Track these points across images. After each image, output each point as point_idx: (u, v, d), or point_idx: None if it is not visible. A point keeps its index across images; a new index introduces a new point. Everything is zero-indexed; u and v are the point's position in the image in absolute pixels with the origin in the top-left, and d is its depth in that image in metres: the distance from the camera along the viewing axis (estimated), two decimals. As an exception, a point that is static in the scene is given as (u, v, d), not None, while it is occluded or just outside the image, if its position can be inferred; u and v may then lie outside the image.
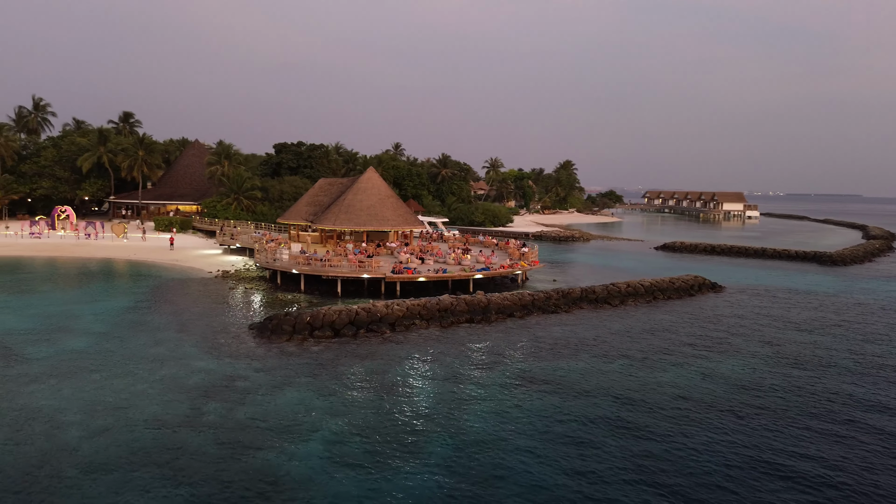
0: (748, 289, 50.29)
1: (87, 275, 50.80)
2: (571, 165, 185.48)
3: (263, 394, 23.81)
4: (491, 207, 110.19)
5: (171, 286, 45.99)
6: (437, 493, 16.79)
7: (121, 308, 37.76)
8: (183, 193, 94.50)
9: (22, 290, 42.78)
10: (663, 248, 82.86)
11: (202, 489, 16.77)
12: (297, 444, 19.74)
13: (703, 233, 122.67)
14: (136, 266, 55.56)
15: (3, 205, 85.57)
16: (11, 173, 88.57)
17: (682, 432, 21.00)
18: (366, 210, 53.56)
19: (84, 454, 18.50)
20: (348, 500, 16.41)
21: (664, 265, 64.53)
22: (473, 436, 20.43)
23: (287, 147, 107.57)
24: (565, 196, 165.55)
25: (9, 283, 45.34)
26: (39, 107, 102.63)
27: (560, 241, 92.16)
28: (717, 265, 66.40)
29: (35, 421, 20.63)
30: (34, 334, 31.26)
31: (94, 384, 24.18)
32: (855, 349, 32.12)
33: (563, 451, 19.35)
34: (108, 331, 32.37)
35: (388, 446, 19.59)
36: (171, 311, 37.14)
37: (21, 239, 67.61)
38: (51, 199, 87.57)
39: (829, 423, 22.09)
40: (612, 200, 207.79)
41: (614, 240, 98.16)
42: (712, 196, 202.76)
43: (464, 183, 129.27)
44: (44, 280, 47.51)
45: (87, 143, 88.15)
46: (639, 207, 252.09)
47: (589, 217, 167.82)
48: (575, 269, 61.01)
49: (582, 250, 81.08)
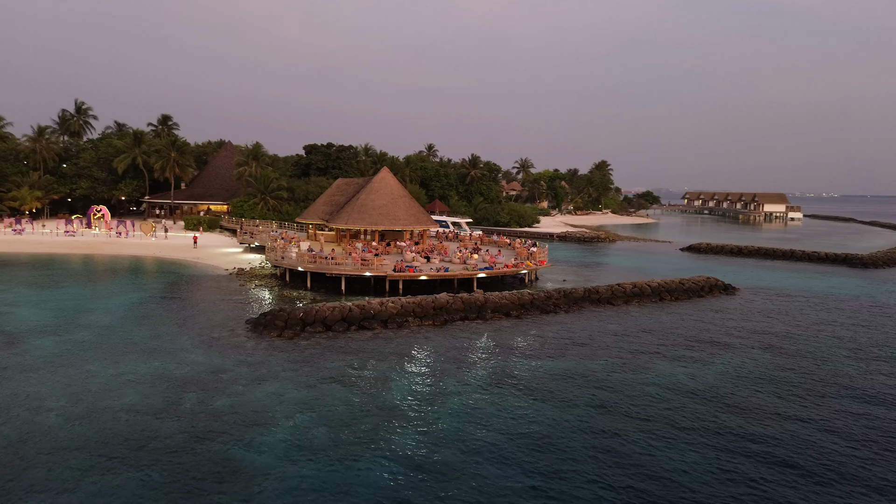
0: (764, 291, 49.08)
1: (109, 271, 52.85)
2: (606, 166, 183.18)
3: (242, 386, 24.52)
4: (517, 208, 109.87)
5: (185, 282, 47.51)
6: (392, 485, 17.08)
7: (132, 303, 39.22)
8: (213, 193, 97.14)
9: (45, 285, 44.81)
10: (689, 249, 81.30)
11: (163, 473, 17.47)
12: (264, 434, 20.32)
13: (737, 234, 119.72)
14: (158, 263, 57.51)
15: (45, 204, 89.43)
16: (53, 174, 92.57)
17: (649, 434, 20.84)
18: (378, 209, 54.23)
19: (58, 437, 19.47)
20: (303, 489, 16.86)
21: (684, 266, 63.37)
22: (439, 431, 20.66)
23: (316, 148, 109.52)
24: (598, 197, 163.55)
25: (36, 279, 47.56)
26: (81, 110, 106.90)
27: (585, 241, 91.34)
28: (739, 267, 64.88)
29: (20, 405, 21.77)
30: (44, 326, 32.80)
31: (85, 373, 25.30)
32: (857, 353, 31.15)
33: (527, 449, 19.38)
34: (113, 324, 33.72)
35: (352, 438, 19.99)
36: (178, 307, 38.42)
37: (56, 237, 70.65)
38: (89, 199, 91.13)
39: (813, 430, 21.59)
40: (649, 201, 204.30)
41: (641, 241, 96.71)
42: (753, 197, 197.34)
43: (493, 183, 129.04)
44: (68, 276, 49.61)
45: (123, 145, 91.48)
46: (678, 208, 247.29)
47: (623, 218, 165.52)
48: (590, 270, 60.46)
49: (604, 251, 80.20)
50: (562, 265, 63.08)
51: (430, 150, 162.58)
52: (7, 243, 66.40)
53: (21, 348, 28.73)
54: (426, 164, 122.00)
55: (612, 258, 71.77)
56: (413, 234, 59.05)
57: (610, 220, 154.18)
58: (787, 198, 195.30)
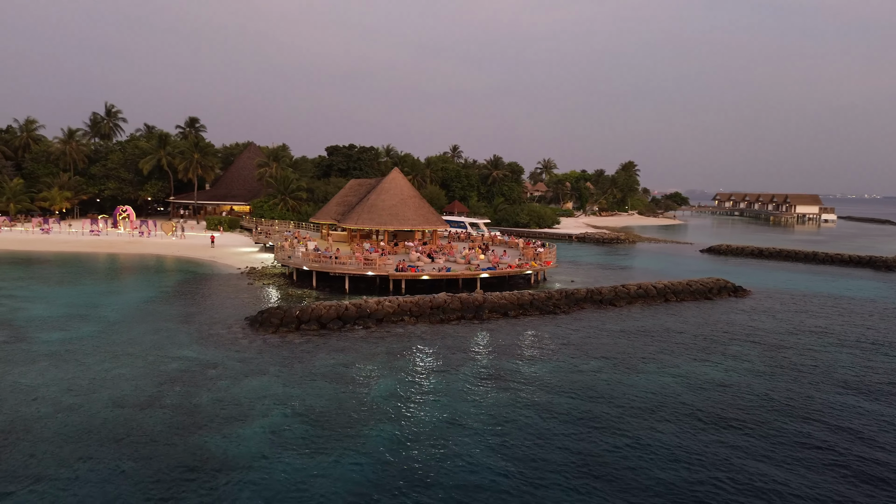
0: (776, 293, 48.14)
1: (125, 269, 54.34)
2: (633, 167, 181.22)
3: (228, 381, 25.06)
4: (536, 209, 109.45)
5: (196, 281, 48.59)
6: (357, 480, 17.29)
7: (141, 299, 40.29)
8: (236, 194, 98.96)
9: (63, 282, 46.31)
10: (709, 251, 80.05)
11: (136, 463, 17.97)
12: (242, 427, 20.77)
13: (764, 236, 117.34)
14: (174, 262, 58.89)
15: (74, 205, 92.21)
16: (82, 175, 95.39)
17: (631, 436, 20.73)
18: (387, 210, 54.69)
19: (43, 427, 20.18)
20: (269, 481, 17.19)
21: (700, 268, 62.45)
22: (414, 429, 20.80)
23: (338, 150, 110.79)
24: (623, 198, 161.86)
25: (55, 276, 49.18)
26: (111, 113, 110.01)
27: (603, 243, 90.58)
28: (758, 269, 63.73)
29: (13, 396, 22.61)
30: (52, 321, 33.94)
31: (80, 366, 26.15)
32: (860, 358, 30.41)
33: (504, 449, 19.35)
34: (119, 320, 34.72)
35: (326, 434, 20.27)
36: (184, 304, 39.36)
37: (82, 236, 72.83)
38: (117, 200, 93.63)
39: (804, 438, 21.24)
40: (677, 203, 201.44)
41: (661, 242, 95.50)
42: (785, 198, 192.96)
43: (515, 184, 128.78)
44: (86, 273, 51.15)
45: (148, 146, 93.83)
46: (708, 210, 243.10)
47: (649, 219, 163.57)
48: (602, 271, 59.98)
49: (621, 253, 79.42)
50: (574, 266, 62.76)
51: (454, 151, 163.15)
52: (35, 242, 68.73)
53: (27, 342, 29.81)
54: (447, 166, 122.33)
55: (628, 259, 71.07)
56: (424, 234, 59.38)
57: (635, 222, 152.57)
58: (820, 199, 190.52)
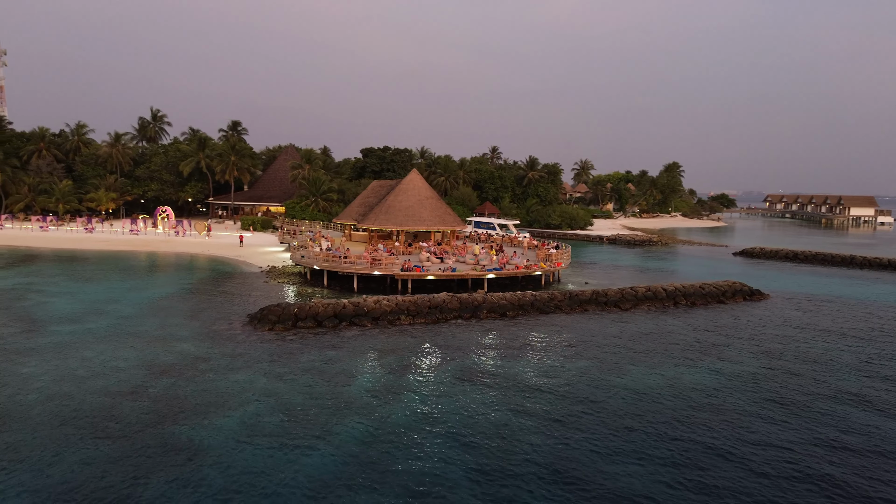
0: (797, 297, 46.69)
1: (152, 266, 56.67)
2: (678, 168, 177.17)
3: (215, 374, 26.09)
4: (569, 210, 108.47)
5: (216, 278, 50.33)
6: (323, 471, 17.89)
7: (158, 296, 42.06)
8: (272, 195, 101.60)
9: (92, 279, 48.70)
10: (742, 253, 77.94)
11: (112, 447, 19.04)
12: (219, 417, 21.68)
13: (809, 239, 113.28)
14: (200, 260, 61.06)
15: (119, 205, 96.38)
16: (128, 177, 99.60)
17: (601, 438, 20.77)
18: (404, 211, 55.40)
19: (31, 413, 21.53)
20: (238, 467, 17.98)
21: (725, 271, 60.94)
22: (386, 424, 21.27)
23: (372, 151, 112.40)
24: (665, 199, 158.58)
25: (86, 273, 51.73)
26: (157, 117, 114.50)
27: (634, 245, 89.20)
28: (786, 272, 61.83)
29: (10, 384, 24.13)
30: (69, 316, 35.85)
31: (81, 358, 27.64)
32: (860, 363, 29.40)
33: (474, 448, 19.61)
34: (131, 315, 36.41)
35: (300, 426, 20.94)
36: (196, 300, 40.90)
37: (122, 235, 76.22)
38: (159, 201, 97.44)
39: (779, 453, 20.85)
40: (724, 204, 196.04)
41: (696, 245, 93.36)
42: (838, 200, 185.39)
43: (550, 185, 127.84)
44: (115, 270, 53.57)
45: (188, 149, 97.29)
46: (758, 212, 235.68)
47: (692, 221, 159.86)
48: (621, 272, 59.23)
49: (648, 254, 78.08)
50: (595, 268, 62.24)
51: (493, 152, 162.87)
52: (78, 241, 72.31)
53: (41, 334, 31.64)
54: (481, 167, 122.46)
55: (653, 262, 69.88)
56: (445, 235, 59.82)
57: (676, 224, 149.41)
58: (875, 201, 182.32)
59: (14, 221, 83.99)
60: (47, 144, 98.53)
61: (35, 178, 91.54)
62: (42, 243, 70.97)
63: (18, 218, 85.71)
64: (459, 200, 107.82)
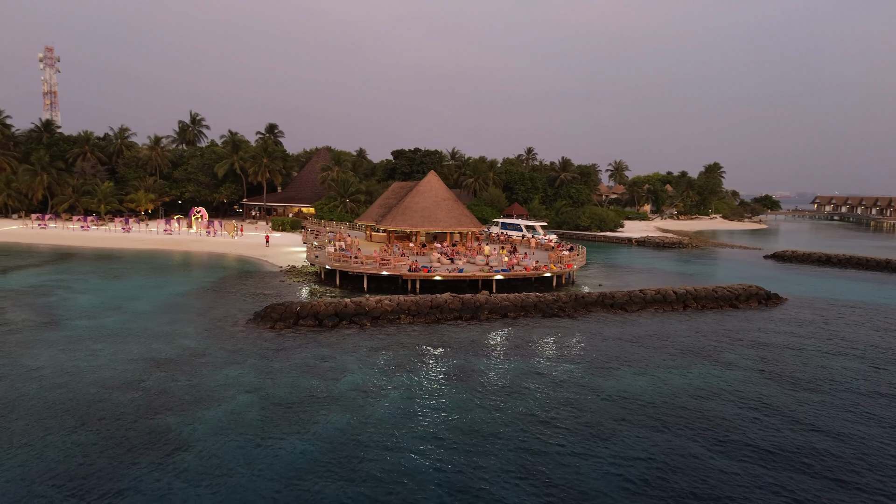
0: (817, 302, 45.37)
1: (179, 265, 58.65)
2: (718, 169, 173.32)
3: (210, 368, 27.08)
4: (598, 212, 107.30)
5: (236, 277, 51.83)
6: (300, 462, 18.57)
7: (176, 293, 43.61)
8: (303, 196, 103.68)
9: (119, 276, 50.79)
10: (773, 256, 75.88)
11: (98, 436, 20.11)
12: (205, 410, 22.56)
13: (851, 242, 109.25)
14: (226, 259, 62.89)
15: (158, 206, 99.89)
16: (166, 179, 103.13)
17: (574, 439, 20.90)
18: (420, 212, 55.98)
19: (27, 401, 22.82)
20: (217, 457, 18.79)
21: (750, 274, 59.54)
22: (367, 420, 21.80)
23: (403, 153, 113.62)
24: (702, 201, 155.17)
25: (113, 271, 53.94)
26: (196, 121, 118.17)
27: (662, 247, 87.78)
28: (815, 276, 60.04)
29: (15, 374, 25.57)
30: (88, 311, 37.57)
31: (85, 351, 29.04)
32: (860, 375, 28.59)
33: (446, 443, 19.99)
34: (145, 311, 37.91)
35: (282, 420, 21.63)
36: (210, 298, 42.25)
37: (156, 235, 79.03)
38: (195, 202, 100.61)
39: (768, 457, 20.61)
40: (767, 206, 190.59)
41: (728, 247, 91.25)
42: (889, 202, 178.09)
43: (583, 187, 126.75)
44: (143, 269, 55.71)
45: (223, 151, 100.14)
46: (806, 214, 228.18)
47: (732, 224, 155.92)
48: (639, 274, 58.48)
49: (674, 257, 76.75)
50: (616, 270, 61.65)
51: (528, 153, 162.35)
52: (114, 240, 75.31)
53: (55, 328, 33.31)
54: (512, 168, 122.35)
55: (676, 264, 68.70)
56: (463, 236, 60.15)
57: (714, 226, 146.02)
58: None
59: (58, 221, 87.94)
60: (92, 147, 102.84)
61: (79, 180, 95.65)
62: (82, 242, 74.20)
63: (62, 218, 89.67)
64: (488, 202, 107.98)
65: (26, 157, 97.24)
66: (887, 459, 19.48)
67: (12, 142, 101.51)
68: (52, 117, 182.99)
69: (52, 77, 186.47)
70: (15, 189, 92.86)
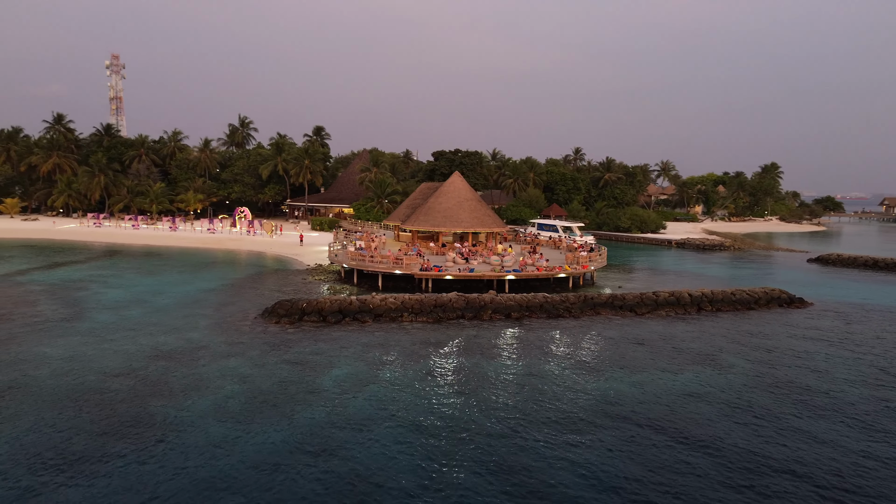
0: (844, 306, 43.56)
1: (213, 262, 61.07)
2: (776, 169, 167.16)
3: (207, 360, 28.39)
4: (639, 213, 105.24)
5: (263, 274, 53.69)
6: (275, 449, 19.45)
7: (200, 290, 45.56)
8: (344, 197, 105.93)
9: (152, 272, 53.42)
10: (817, 260, 72.89)
11: (91, 417, 21.52)
12: (193, 398, 23.74)
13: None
14: (260, 257, 65.14)
15: (206, 206, 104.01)
16: (215, 180, 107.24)
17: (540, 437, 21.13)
18: (442, 212, 56.58)
19: (33, 385, 24.56)
20: (197, 441, 19.86)
21: (782, 277, 57.52)
22: (348, 412, 22.49)
23: (443, 154, 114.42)
24: (755, 202, 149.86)
25: (150, 267, 56.74)
26: (244, 124, 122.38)
27: (702, 249, 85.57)
28: (852, 280, 57.47)
29: (29, 361, 27.49)
30: (113, 304, 39.79)
31: (100, 341, 30.88)
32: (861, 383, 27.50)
33: (420, 436, 20.45)
34: (166, 305, 39.87)
35: (264, 409, 22.55)
36: (229, 294, 43.98)
37: (200, 234, 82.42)
38: (241, 202, 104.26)
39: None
40: (829, 208, 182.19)
41: (772, 250, 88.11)
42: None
43: (627, 187, 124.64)
44: (177, 265, 58.32)
45: (268, 153, 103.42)
46: (872, 216, 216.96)
47: (787, 226, 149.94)
48: (666, 276, 57.34)
49: (712, 259, 74.70)
50: (643, 272, 60.70)
51: (577, 153, 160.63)
52: (161, 238, 79.05)
53: (79, 319, 35.49)
54: (553, 169, 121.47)
55: (710, 266, 66.90)
56: (490, 236, 60.37)
57: (768, 228, 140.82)
58: None
59: (111, 220, 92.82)
60: (146, 150, 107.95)
61: (133, 181, 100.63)
62: (131, 240, 78.28)
63: (116, 217, 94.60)
64: (526, 202, 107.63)
65: (87, 160, 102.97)
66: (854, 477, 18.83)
67: (74, 145, 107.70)
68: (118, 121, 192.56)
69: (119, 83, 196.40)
70: (75, 190, 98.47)
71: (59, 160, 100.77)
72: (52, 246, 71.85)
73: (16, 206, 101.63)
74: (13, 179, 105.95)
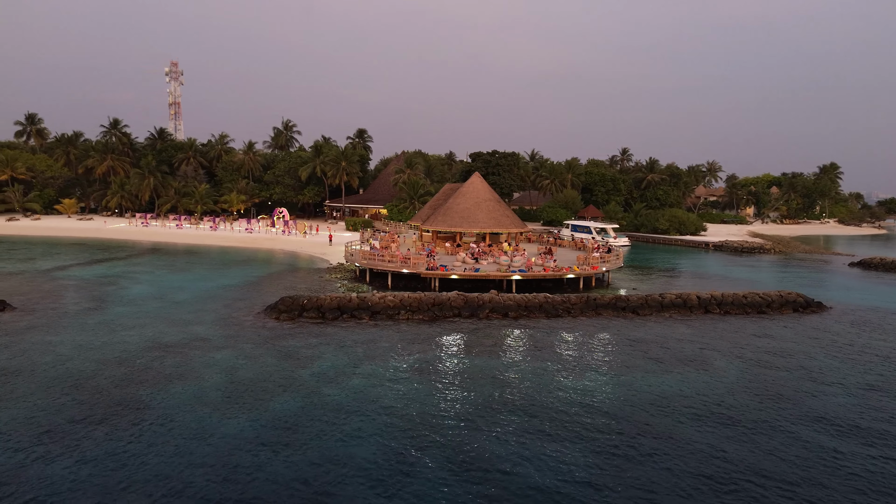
0: (864, 313, 41.83)
1: (244, 260, 63.38)
2: (835, 169, 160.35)
3: (201, 352, 29.78)
4: (678, 214, 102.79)
5: (283, 272, 55.42)
6: (247, 436, 20.41)
7: (220, 286, 47.47)
8: (379, 198, 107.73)
9: (182, 269, 55.91)
10: (859, 264, 69.84)
11: (78, 400, 23.12)
12: (179, 386, 25.13)
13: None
14: (288, 256, 67.17)
15: (249, 206, 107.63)
16: (257, 182, 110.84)
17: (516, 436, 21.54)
18: (460, 213, 57.09)
19: (37, 372, 26.41)
20: (177, 427, 21.01)
21: (811, 280, 55.50)
22: (323, 403, 23.32)
23: (480, 155, 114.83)
24: (809, 204, 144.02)
25: (182, 264, 59.37)
26: (288, 127, 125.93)
27: (739, 252, 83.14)
28: (887, 284, 54.87)
29: (37, 348, 29.53)
30: (135, 299, 41.99)
31: (109, 333, 32.76)
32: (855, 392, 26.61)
33: (392, 430, 21.05)
34: (183, 300, 41.80)
35: (245, 399, 23.58)
36: (245, 291, 45.68)
37: (238, 233, 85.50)
38: (282, 203, 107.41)
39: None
40: (891, 210, 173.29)
41: (815, 253, 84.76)
42: None
43: (671, 188, 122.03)
44: (207, 262, 60.79)
45: (307, 155, 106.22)
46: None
47: (845, 229, 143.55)
48: (687, 279, 56.18)
49: (745, 262, 72.51)
50: (667, 273, 59.65)
51: (624, 154, 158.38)
52: (202, 237, 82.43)
53: (98, 312, 37.67)
54: (592, 170, 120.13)
55: (740, 269, 65.01)
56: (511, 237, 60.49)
57: (821, 231, 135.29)
58: None
59: (158, 220, 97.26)
60: (194, 153, 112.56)
61: (180, 183, 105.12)
62: (174, 239, 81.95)
63: (162, 217, 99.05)
64: (562, 203, 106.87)
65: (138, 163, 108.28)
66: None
67: (130, 148, 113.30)
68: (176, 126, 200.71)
69: (177, 89, 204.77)
70: (127, 191, 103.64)
71: (113, 163, 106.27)
72: (100, 244, 75.97)
73: (74, 206, 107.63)
74: (72, 181, 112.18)
